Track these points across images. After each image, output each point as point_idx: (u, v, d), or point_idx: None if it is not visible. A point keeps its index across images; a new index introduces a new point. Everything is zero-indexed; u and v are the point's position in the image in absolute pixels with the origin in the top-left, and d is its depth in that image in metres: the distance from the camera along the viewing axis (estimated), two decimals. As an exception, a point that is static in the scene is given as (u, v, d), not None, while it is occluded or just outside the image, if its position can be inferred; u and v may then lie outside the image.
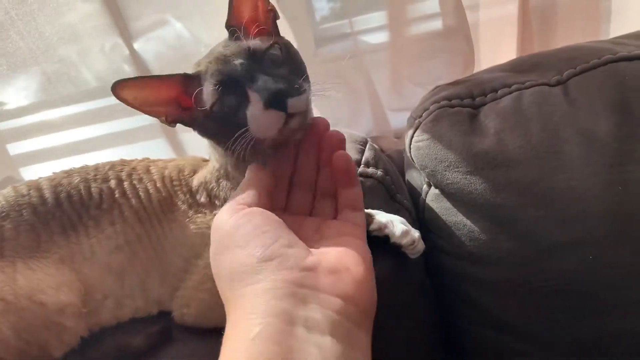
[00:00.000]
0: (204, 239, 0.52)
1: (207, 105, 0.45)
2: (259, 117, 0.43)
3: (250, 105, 0.43)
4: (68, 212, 0.55)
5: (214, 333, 0.53)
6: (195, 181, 0.55)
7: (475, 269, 0.65)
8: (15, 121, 1.01)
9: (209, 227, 0.51)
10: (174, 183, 0.56)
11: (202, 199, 0.54)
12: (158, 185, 0.56)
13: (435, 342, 0.72)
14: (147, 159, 0.61)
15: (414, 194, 0.70)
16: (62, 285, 0.52)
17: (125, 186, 0.55)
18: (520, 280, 0.63)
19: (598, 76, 0.62)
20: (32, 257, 0.53)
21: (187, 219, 0.54)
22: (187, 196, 0.55)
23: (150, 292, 0.56)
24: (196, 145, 0.91)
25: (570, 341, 0.63)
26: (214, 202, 0.54)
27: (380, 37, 0.85)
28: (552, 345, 0.64)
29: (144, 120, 0.92)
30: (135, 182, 0.56)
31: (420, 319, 0.68)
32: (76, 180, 0.56)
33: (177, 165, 0.58)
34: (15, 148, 1.03)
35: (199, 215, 0.54)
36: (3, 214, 0.54)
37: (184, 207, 0.55)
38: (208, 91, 0.45)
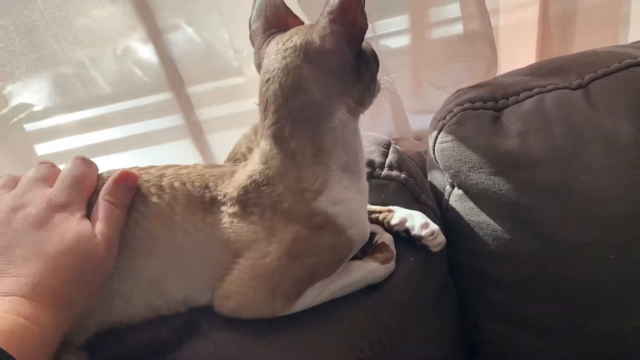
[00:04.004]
0: (237, 244, 0.55)
1: None
2: None
3: None
4: None
5: (239, 326, 0.56)
6: (231, 184, 0.57)
7: (497, 268, 0.66)
8: (45, 122, 1.04)
9: (243, 234, 0.54)
10: (204, 188, 0.57)
11: (239, 205, 0.56)
12: (171, 187, 0.57)
13: (456, 341, 0.74)
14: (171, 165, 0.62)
15: (437, 195, 0.72)
16: None
17: (149, 195, 0.57)
18: (540, 279, 0.65)
19: (619, 80, 0.64)
20: None
21: (220, 226, 0.56)
22: (223, 204, 0.56)
23: (170, 293, 0.58)
24: (222, 146, 0.94)
25: (588, 339, 0.65)
26: (251, 210, 0.56)
27: (402, 41, 0.87)
28: (572, 343, 0.66)
29: (170, 122, 0.95)
30: (154, 182, 0.57)
31: (443, 318, 0.70)
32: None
33: (202, 172, 0.59)
34: (43, 148, 1.06)
35: (234, 222, 0.56)
36: None
37: (215, 214, 0.56)
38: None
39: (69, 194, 0.51)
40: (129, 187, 0.54)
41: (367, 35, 0.54)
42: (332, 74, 0.54)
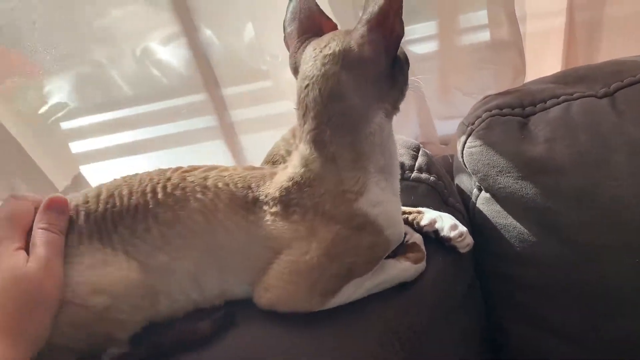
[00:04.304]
0: (278, 242, 0.58)
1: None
2: None
3: None
4: (140, 213, 0.58)
5: (274, 319, 0.59)
6: (272, 186, 0.59)
7: (522, 271, 0.68)
8: (80, 120, 1.08)
9: (285, 232, 0.57)
10: (239, 187, 0.60)
11: (280, 205, 0.59)
12: (215, 187, 0.59)
13: (481, 343, 0.76)
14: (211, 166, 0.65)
15: (463, 198, 0.74)
16: (116, 280, 0.57)
17: (165, 192, 0.58)
18: (564, 282, 0.67)
19: (646, 89, 0.66)
20: (99, 249, 0.58)
21: (261, 224, 0.59)
22: (265, 204, 0.59)
23: (208, 287, 0.60)
24: (255, 148, 0.97)
25: (610, 342, 0.66)
26: (293, 210, 0.58)
27: (430, 47, 0.89)
28: (594, 346, 0.67)
29: (203, 122, 0.98)
30: (199, 183, 0.60)
31: (469, 319, 0.72)
32: (145, 181, 0.60)
33: (243, 174, 0.61)
34: (78, 146, 1.10)
35: (275, 221, 0.58)
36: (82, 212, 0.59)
37: (257, 213, 0.59)
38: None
39: (2, 231, 0.54)
40: (59, 210, 0.56)
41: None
42: (370, 80, 0.56)
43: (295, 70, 0.60)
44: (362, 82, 0.56)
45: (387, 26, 0.54)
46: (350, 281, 0.59)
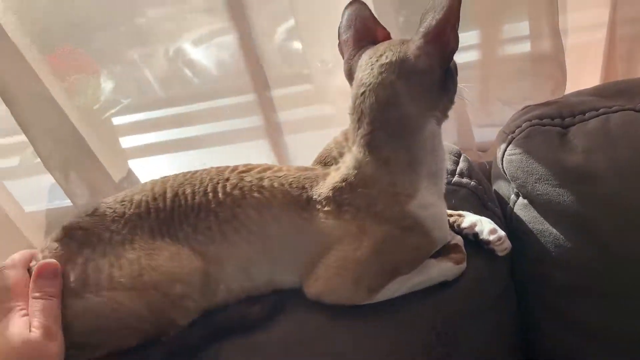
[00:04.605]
0: (330, 238, 0.62)
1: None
2: None
3: None
4: (200, 211, 0.62)
5: (320, 310, 0.63)
6: (324, 186, 0.63)
7: (557, 274, 0.71)
8: (132, 117, 1.14)
9: (336, 229, 0.61)
10: (294, 187, 0.63)
11: (332, 204, 0.62)
12: (271, 187, 0.63)
13: (513, 343, 0.78)
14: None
15: (501, 203, 0.77)
16: (184, 270, 0.61)
17: (224, 192, 0.63)
18: (598, 286, 0.69)
19: (684, 104, 0.68)
20: (157, 247, 0.62)
21: (314, 222, 0.62)
22: (318, 203, 0.62)
23: (269, 278, 0.65)
24: (295, 148, 1.02)
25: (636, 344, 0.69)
26: (345, 209, 0.62)
27: (471, 56, 0.92)
28: (626, 348, 0.70)
29: (248, 122, 1.02)
30: (255, 183, 0.63)
31: (502, 319, 0.75)
32: (205, 181, 0.64)
33: (297, 175, 0.64)
34: (129, 142, 1.15)
35: (327, 219, 0.62)
36: (143, 210, 0.63)
37: (310, 211, 0.62)
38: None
39: (9, 302, 0.58)
40: (50, 275, 0.59)
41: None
42: (423, 89, 0.60)
43: (350, 76, 0.64)
44: (416, 90, 0.59)
45: (443, 39, 0.57)
46: (395, 278, 0.62)
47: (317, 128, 1.06)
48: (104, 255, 0.60)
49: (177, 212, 0.63)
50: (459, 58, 0.82)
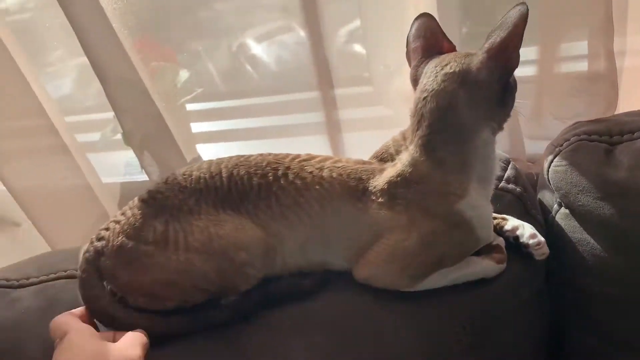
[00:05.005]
0: (381, 227, 0.67)
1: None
2: None
3: None
4: (263, 187, 0.69)
5: (365, 291, 0.70)
6: (381, 179, 0.68)
7: (592, 283, 0.75)
8: (204, 105, 1.23)
9: (388, 220, 0.67)
10: (351, 178, 0.69)
11: (386, 197, 0.67)
12: (330, 177, 0.68)
13: (542, 348, 0.82)
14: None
15: (544, 212, 0.81)
16: (248, 241, 0.68)
17: (287, 179, 0.69)
18: (632, 297, 0.72)
19: None
20: (222, 219, 0.69)
21: (368, 211, 0.68)
22: (373, 194, 0.67)
23: (321, 258, 0.71)
24: (354, 146, 1.08)
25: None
26: (398, 202, 0.67)
27: (529, 71, 0.96)
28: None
29: (310, 118, 1.09)
30: (316, 173, 0.69)
31: (533, 323, 0.79)
32: (263, 164, 0.70)
33: (355, 167, 0.70)
34: (198, 127, 1.25)
35: (381, 210, 0.67)
36: (202, 186, 0.70)
37: (365, 201, 0.68)
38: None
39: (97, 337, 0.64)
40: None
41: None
42: (482, 101, 0.65)
43: (415, 82, 0.69)
44: (475, 101, 0.64)
45: (505, 57, 0.62)
46: (438, 270, 0.68)
47: (374, 128, 1.12)
48: (179, 220, 0.67)
49: (236, 190, 0.69)
50: (517, 71, 0.87)
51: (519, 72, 0.66)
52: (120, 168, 1.23)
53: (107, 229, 0.70)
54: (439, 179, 0.66)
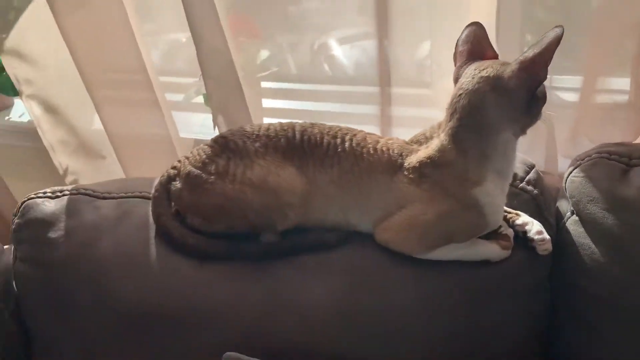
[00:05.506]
0: (406, 199, 0.79)
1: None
2: None
3: None
4: (313, 148, 0.82)
5: (382, 253, 0.82)
6: (414, 158, 0.79)
7: (587, 285, 0.83)
8: (276, 84, 1.37)
9: (413, 194, 0.78)
10: (395, 154, 0.80)
11: (416, 174, 0.78)
12: (381, 150, 0.80)
13: (533, 342, 0.90)
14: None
15: (558, 217, 0.90)
16: (297, 187, 0.80)
17: (351, 144, 0.81)
18: (625, 300, 0.80)
19: None
20: (283, 164, 0.81)
21: (399, 184, 0.79)
22: (406, 170, 0.78)
23: (350, 218, 0.83)
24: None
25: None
26: (424, 180, 0.77)
27: (572, 97, 1.05)
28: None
29: (361, 108, 1.22)
30: (357, 143, 0.81)
31: (531, 311, 0.87)
32: (335, 129, 0.83)
33: (400, 144, 0.82)
34: (267, 103, 1.39)
35: (409, 184, 0.78)
36: (272, 135, 0.83)
37: (399, 175, 0.79)
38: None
39: None
40: None
41: (546, 82, 0.72)
42: (509, 106, 0.74)
43: (456, 80, 0.79)
44: (502, 105, 0.74)
45: (535, 70, 0.71)
46: (448, 243, 0.79)
47: (423, 126, 1.22)
48: (241, 158, 0.82)
49: (307, 144, 0.82)
50: (564, 96, 0.98)
51: (565, 97, 0.74)
52: (196, 127, 1.39)
53: (179, 161, 0.86)
54: (461, 165, 0.76)
